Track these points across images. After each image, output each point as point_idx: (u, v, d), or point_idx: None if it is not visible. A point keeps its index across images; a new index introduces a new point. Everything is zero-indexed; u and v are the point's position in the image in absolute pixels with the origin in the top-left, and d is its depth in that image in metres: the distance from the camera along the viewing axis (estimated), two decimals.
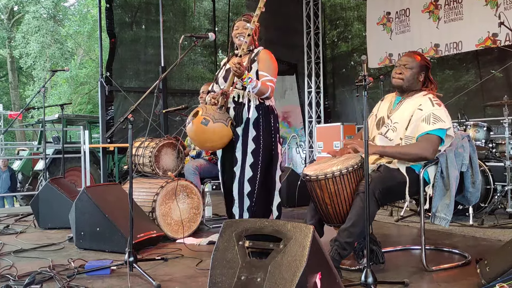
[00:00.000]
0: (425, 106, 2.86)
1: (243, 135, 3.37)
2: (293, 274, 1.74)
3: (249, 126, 3.37)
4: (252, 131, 3.37)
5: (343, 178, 2.67)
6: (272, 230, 1.88)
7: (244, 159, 3.37)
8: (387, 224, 4.62)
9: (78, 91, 22.07)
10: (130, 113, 2.91)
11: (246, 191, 3.37)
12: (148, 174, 4.46)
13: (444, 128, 2.80)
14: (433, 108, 2.84)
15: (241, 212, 3.39)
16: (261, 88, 3.22)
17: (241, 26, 3.43)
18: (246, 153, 3.37)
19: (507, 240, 3.19)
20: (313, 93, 9.34)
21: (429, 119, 2.80)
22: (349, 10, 9.70)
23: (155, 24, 7.87)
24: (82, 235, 3.64)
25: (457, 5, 6.48)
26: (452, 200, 2.91)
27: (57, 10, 23.13)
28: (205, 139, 3.27)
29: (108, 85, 7.05)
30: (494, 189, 4.66)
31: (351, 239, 2.64)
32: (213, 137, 3.24)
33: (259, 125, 3.37)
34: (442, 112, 2.83)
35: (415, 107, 2.89)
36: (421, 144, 2.79)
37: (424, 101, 2.89)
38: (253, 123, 3.36)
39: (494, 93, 6.65)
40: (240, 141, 3.38)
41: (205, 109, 3.24)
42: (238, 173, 3.38)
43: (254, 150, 3.36)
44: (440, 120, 2.79)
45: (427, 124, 2.80)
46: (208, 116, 3.19)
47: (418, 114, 2.85)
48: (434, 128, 2.78)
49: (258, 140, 3.37)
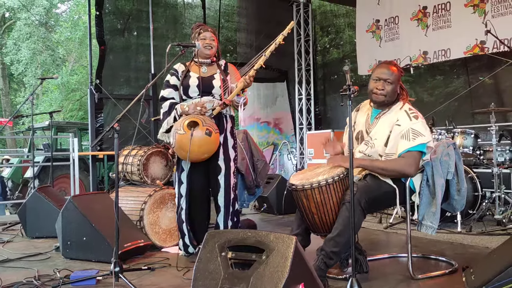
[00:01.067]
0: (403, 121, 2.83)
1: (224, 143, 3.48)
2: (275, 285, 1.74)
3: (227, 135, 3.51)
4: (230, 139, 3.53)
5: (329, 187, 2.67)
6: (254, 241, 1.88)
7: (228, 167, 3.47)
8: (376, 231, 4.63)
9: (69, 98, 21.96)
10: (117, 122, 2.90)
11: (232, 199, 3.48)
12: (137, 182, 4.44)
13: (424, 142, 2.79)
14: (411, 122, 2.81)
15: (226, 221, 3.44)
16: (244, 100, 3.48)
17: (208, 37, 3.51)
18: (229, 161, 3.48)
19: (494, 247, 3.21)
20: (303, 100, 9.36)
21: (409, 135, 2.78)
22: (340, 17, 9.77)
23: (147, 31, 7.86)
24: (69, 245, 3.62)
25: (445, 13, 6.53)
26: (438, 208, 2.92)
27: (49, 17, 23.07)
28: (206, 150, 3.26)
29: (97, 93, 7.02)
30: (482, 195, 4.69)
31: (337, 249, 2.64)
32: (213, 147, 3.31)
33: (233, 134, 3.58)
34: (420, 126, 2.81)
35: (392, 122, 2.87)
36: (404, 161, 2.78)
37: (401, 115, 2.86)
38: (230, 132, 3.54)
39: (483, 100, 6.70)
40: (222, 150, 3.47)
41: (202, 120, 3.22)
42: (222, 182, 3.45)
43: (235, 158, 3.56)
44: (419, 135, 2.78)
45: (407, 141, 2.78)
46: (210, 127, 3.21)
47: (396, 130, 2.83)
48: (415, 144, 2.77)
49: (235, 148, 3.56)
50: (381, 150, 2.88)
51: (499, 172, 4.64)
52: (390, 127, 2.87)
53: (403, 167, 2.77)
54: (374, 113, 3.03)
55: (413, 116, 2.85)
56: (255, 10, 9.17)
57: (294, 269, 1.78)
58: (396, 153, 2.82)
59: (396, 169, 2.79)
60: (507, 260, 2.29)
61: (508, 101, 6.33)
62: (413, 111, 2.89)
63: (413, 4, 6.95)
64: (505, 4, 5.80)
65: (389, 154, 2.85)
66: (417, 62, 6.82)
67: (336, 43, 10.20)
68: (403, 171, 2.78)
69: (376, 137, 2.92)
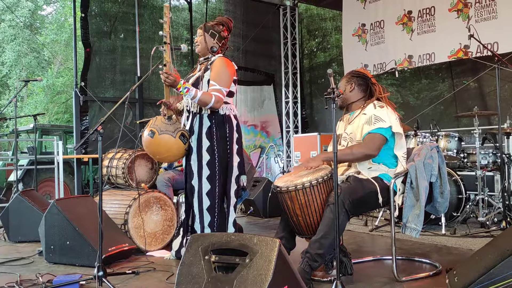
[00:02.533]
0: (368, 110, 2.99)
1: (197, 146, 3.25)
2: None
3: (202, 137, 3.25)
4: (205, 141, 3.24)
5: (313, 189, 2.69)
6: (238, 244, 1.88)
7: (200, 172, 3.23)
8: (362, 234, 4.65)
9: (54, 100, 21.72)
10: (101, 125, 2.88)
11: (205, 206, 3.23)
12: (121, 185, 4.41)
13: (384, 127, 2.88)
14: (375, 110, 2.96)
15: (202, 229, 3.25)
16: (202, 97, 3.13)
17: (197, 35, 3.43)
18: (201, 165, 3.23)
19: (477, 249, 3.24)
20: (290, 103, 9.39)
21: (371, 120, 2.92)
22: (327, 21, 9.83)
23: (133, 33, 7.82)
24: (52, 249, 3.57)
25: (429, 18, 6.61)
26: (422, 211, 2.94)
27: (34, 19, 22.84)
28: (153, 151, 3.23)
29: (83, 95, 6.96)
30: (466, 198, 4.73)
31: (321, 251, 2.65)
32: (160, 149, 3.18)
33: (212, 135, 3.23)
34: (382, 112, 2.94)
35: (361, 113, 3.02)
36: (364, 144, 2.90)
37: (368, 107, 3.02)
38: (206, 133, 3.24)
39: (467, 103, 6.80)
40: (195, 153, 3.26)
41: (154, 121, 3.21)
42: (196, 187, 3.25)
43: (210, 161, 3.22)
44: (380, 120, 2.89)
45: (368, 125, 2.91)
46: (155, 127, 3.14)
47: (362, 118, 2.98)
48: (375, 127, 2.88)
49: (212, 150, 3.22)
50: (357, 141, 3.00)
51: (482, 175, 4.69)
52: (359, 118, 3.01)
53: (363, 149, 2.88)
54: (351, 115, 3.15)
55: (379, 106, 2.99)
56: (242, 14, 9.18)
57: (277, 272, 1.78)
58: (360, 138, 2.94)
59: (357, 152, 2.89)
60: (489, 262, 2.31)
61: (491, 104, 6.42)
62: (381, 103, 3.02)
63: (398, 8, 7.04)
64: (488, 9, 5.90)
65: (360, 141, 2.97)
66: (402, 66, 6.88)
67: (323, 46, 10.26)
68: (364, 152, 2.88)
69: (351, 131, 3.05)
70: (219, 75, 3.22)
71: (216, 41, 3.39)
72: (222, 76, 3.23)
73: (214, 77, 3.21)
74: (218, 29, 3.40)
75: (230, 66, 3.31)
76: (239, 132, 3.35)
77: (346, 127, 3.13)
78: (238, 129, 3.34)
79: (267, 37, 9.43)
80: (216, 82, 3.20)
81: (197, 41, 3.40)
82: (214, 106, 3.18)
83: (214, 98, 3.14)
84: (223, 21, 3.47)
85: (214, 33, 3.38)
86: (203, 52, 3.40)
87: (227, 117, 3.29)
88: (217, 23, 3.43)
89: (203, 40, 3.37)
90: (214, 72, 3.23)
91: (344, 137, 3.11)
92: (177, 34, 8.97)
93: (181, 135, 3.19)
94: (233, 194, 3.29)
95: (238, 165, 3.31)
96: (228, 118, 3.29)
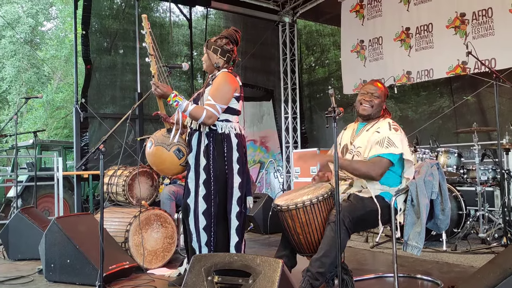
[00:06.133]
0: (382, 129, 2.97)
1: (195, 163, 3.16)
2: None
3: (199, 155, 3.15)
4: (203, 159, 3.13)
5: (314, 207, 2.70)
6: (241, 265, 1.88)
7: (196, 190, 3.12)
8: (362, 250, 4.63)
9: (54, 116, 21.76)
10: (102, 144, 2.89)
11: (201, 225, 3.10)
12: (122, 203, 4.40)
13: (395, 153, 2.87)
14: (390, 132, 2.94)
15: (200, 248, 3.13)
16: (193, 111, 3.03)
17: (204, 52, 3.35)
18: (198, 184, 3.12)
19: (479, 266, 3.23)
20: (289, 118, 9.42)
21: (383, 142, 2.90)
22: (326, 36, 9.92)
23: (133, 50, 7.87)
24: (52, 267, 3.55)
25: (427, 34, 6.67)
26: (423, 228, 2.94)
27: (34, 35, 22.98)
28: (151, 162, 3.22)
29: (83, 112, 6.98)
30: (467, 214, 4.74)
31: (323, 269, 2.64)
32: (155, 160, 3.16)
33: (209, 154, 3.12)
34: (396, 137, 2.92)
35: (374, 129, 3.01)
36: (371, 165, 2.87)
37: (383, 124, 3.01)
38: (204, 151, 3.13)
39: (467, 118, 6.82)
40: (192, 171, 3.16)
41: (156, 132, 3.23)
42: (192, 206, 3.13)
43: (205, 180, 3.11)
44: (392, 145, 2.88)
45: (380, 147, 2.89)
46: (154, 138, 3.15)
47: (375, 136, 2.95)
48: (386, 152, 2.87)
49: (208, 169, 3.12)
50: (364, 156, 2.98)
51: (482, 191, 4.70)
52: (371, 134, 3.00)
53: (369, 170, 2.86)
54: (360, 126, 3.15)
55: (394, 128, 2.97)
56: (241, 30, 9.23)
57: None
58: (367, 156, 2.92)
59: (362, 170, 2.87)
60: (491, 280, 2.31)
61: (491, 119, 6.44)
62: (396, 125, 3.01)
63: (396, 25, 7.11)
64: (485, 26, 5.96)
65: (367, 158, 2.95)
66: (401, 81, 6.94)
67: (321, 61, 10.33)
68: (368, 173, 2.86)
69: (360, 145, 3.02)
70: (217, 90, 3.11)
71: (219, 56, 3.27)
72: (220, 92, 3.11)
73: (212, 92, 3.11)
74: (220, 44, 3.29)
75: (232, 82, 3.17)
76: (241, 152, 3.18)
77: (354, 139, 3.10)
78: (240, 148, 3.19)
79: (266, 53, 9.49)
80: (212, 97, 3.08)
81: (202, 59, 3.36)
82: (206, 122, 3.05)
83: (205, 113, 3.03)
84: (227, 34, 3.36)
85: (216, 48, 3.27)
86: (210, 69, 3.32)
87: (226, 136, 3.16)
88: (220, 37, 3.33)
89: (207, 58, 3.29)
90: (213, 88, 3.14)
91: (351, 149, 3.07)
92: (177, 50, 9.04)
93: (176, 150, 3.12)
94: (235, 216, 3.12)
95: (240, 186, 3.15)
96: (227, 136, 3.16)
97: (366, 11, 7.65)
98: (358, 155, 3.01)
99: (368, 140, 2.98)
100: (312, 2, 8.71)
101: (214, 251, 3.10)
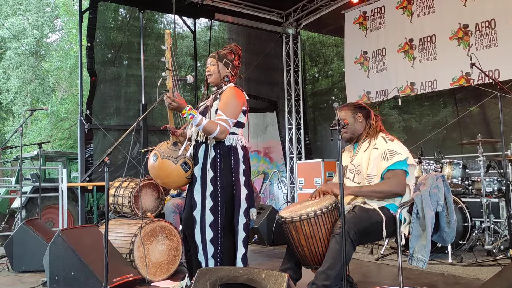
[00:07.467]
0: (379, 145, 3.02)
1: (201, 176, 3.13)
2: None
3: (206, 167, 3.12)
4: (210, 172, 3.10)
5: (318, 219, 2.70)
6: (246, 278, 1.87)
7: (203, 203, 3.10)
8: (367, 262, 4.61)
9: (58, 127, 21.84)
10: (107, 156, 2.90)
11: (208, 238, 3.07)
12: (127, 214, 4.41)
13: (401, 160, 2.90)
14: (387, 144, 2.99)
15: (206, 260, 3.09)
16: (207, 126, 3.02)
17: (208, 63, 3.32)
18: (205, 196, 3.10)
19: (485, 279, 3.21)
20: (293, 129, 9.44)
21: (386, 155, 2.93)
22: (329, 47, 9.97)
23: (137, 61, 7.92)
24: (56, 280, 3.55)
25: (431, 45, 6.69)
26: (429, 241, 2.93)
27: (39, 46, 23.16)
28: (155, 175, 3.18)
29: (88, 123, 7.02)
30: (472, 226, 4.71)
31: (328, 282, 2.63)
32: (161, 173, 3.13)
33: (216, 166, 3.11)
34: (395, 145, 2.98)
35: (371, 147, 3.04)
36: (391, 181, 2.89)
37: (378, 140, 3.05)
38: (210, 164, 3.11)
39: (471, 128, 6.82)
40: (199, 183, 3.13)
41: (160, 145, 3.21)
42: (198, 218, 3.09)
43: (213, 192, 3.09)
44: (395, 154, 2.92)
45: (385, 161, 2.92)
46: (159, 151, 3.13)
47: (375, 153, 2.99)
48: (393, 162, 2.90)
49: (215, 181, 3.10)
50: (365, 173, 3.00)
51: (488, 202, 4.68)
52: (369, 151, 3.03)
53: (392, 187, 2.88)
54: (355, 146, 3.20)
55: (389, 139, 3.04)
56: (245, 42, 9.30)
57: None
58: (378, 174, 2.94)
59: (386, 190, 2.89)
60: None
61: (495, 129, 6.43)
62: (389, 136, 3.07)
63: (399, 36, 7.14)
64: (488, 37, 5.98)
65: (370, 175, 2.98)
66: (404, 93, 6.95)
67: (325, 72, 10.37)
68: (393, 191, 2.89)
69: (359, 163, 3.05)
70: (227, 105, 3.11)
71: (229, 70, 3.27)
72: (230, 106, 3.12)
73: (222, 107, 3.12)
74: (231, 58, 3.29)
75: (240, 97, 3.19)
76: (246, 164, 3.19)
77: (352, 158, 3.15)
78: (245, 160, 3.20)
79: (270, 64, 9.53)
80: (224, 112, 3.09)
81: (209, 70, 3.29)
82: (218, 137, 3.08)
83: (219, 128, 3.04)
84: (233, 49, 3.36)
85: (228, 62, 3.26)
86: (216, 81, 3.29)
87: (233, 148, 3.16)
88: (229, 52, 3.32)
89: (217, 70, 3.25)
90: (222, 102, 3.13)
91: (351, 168, 3.12)
92: (181, 61, 9.10)
93: (183, 163, 3.11)
94: (242, 228, 3.11)
95: (247, 198, 3.13)
96: (234, 149, 3.16)
97: (370, 23, 7.69)
98: (358, 173, 3.05)
99: (368, 158, 3.01)
100: (316, 14, 8.76)
101: (221, 263, 3.08)
